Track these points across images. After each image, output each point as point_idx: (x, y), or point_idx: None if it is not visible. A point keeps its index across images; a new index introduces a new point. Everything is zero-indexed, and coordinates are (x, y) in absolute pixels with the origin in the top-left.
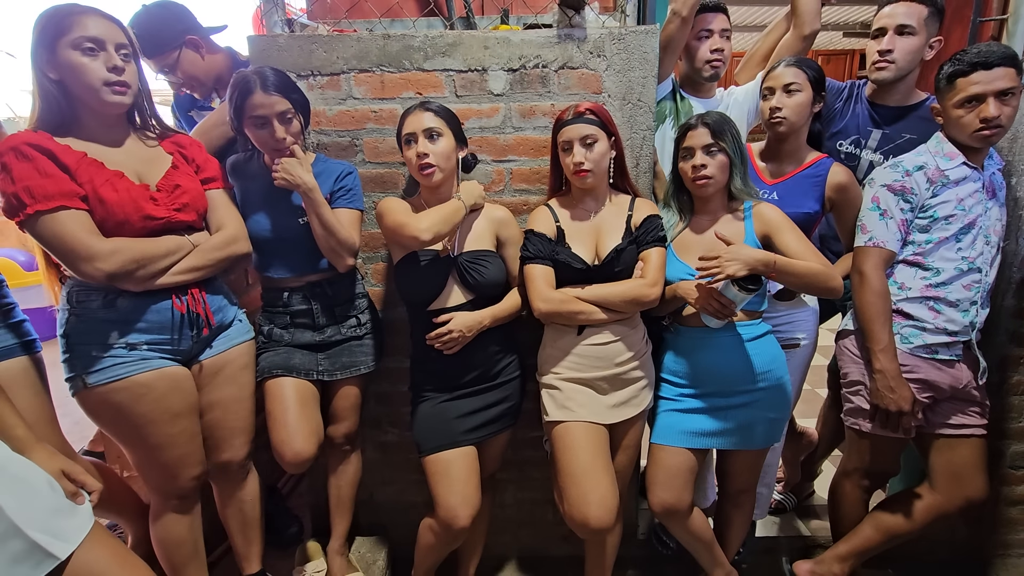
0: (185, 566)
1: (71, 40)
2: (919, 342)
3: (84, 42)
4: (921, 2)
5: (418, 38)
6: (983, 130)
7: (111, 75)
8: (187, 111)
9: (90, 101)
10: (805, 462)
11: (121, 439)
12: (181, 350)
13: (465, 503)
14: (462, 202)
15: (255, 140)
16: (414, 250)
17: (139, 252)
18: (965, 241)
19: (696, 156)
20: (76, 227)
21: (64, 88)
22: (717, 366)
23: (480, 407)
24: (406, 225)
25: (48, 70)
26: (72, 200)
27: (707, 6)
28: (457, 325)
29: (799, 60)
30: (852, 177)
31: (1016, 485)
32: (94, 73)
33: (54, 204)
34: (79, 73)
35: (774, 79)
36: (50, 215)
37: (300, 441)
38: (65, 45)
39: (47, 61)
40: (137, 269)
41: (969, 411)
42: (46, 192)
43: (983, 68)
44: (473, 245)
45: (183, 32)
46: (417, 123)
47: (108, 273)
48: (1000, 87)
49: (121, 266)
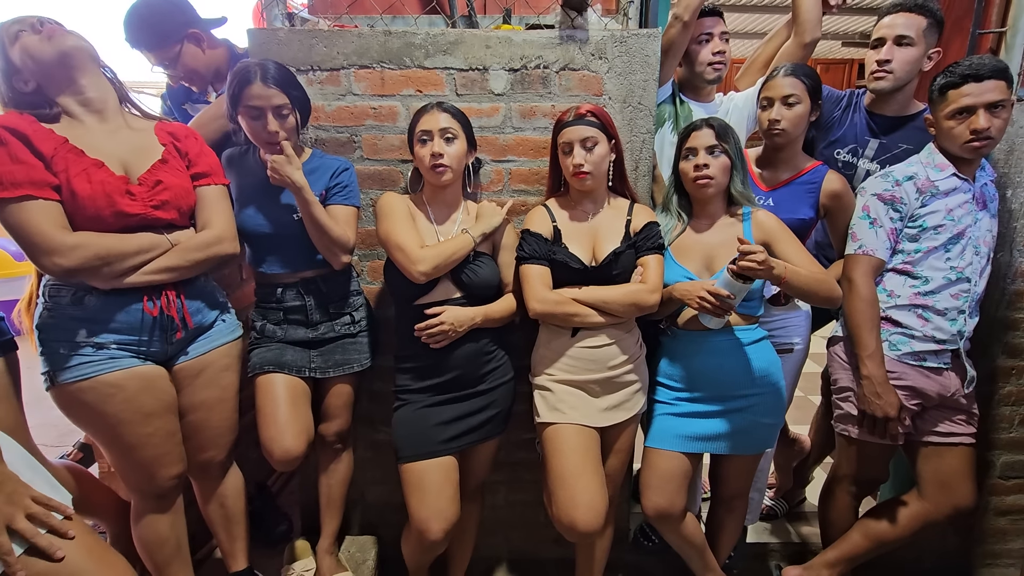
0: (168, 564)
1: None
2: (907, 349)
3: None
4: (920, 13)
5: (420, 35)
6: (973, 141)
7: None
8: (181, 104)
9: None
10: (797, 468)
11: (95, 437)
12: (153, 352)
13: (437, 517)
14: (470, 236)
15: (248, 130)
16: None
17: (105, 248)
18: (954, 251)
19: (699, 155)
20: (41, 218)
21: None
22: (713, 370)
23: (463, 414)
24: (403, 253)
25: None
26: (42, 190)
27: (704, 10)
28: (448, 318)
29: (796, 69)
30: (846, 185)
31: (1005, 495)
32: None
33: (20, 192)
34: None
35: (772, 90)
36: (16, 204)
37: (290, 439)
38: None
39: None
40: (102, 266)
41: (957, 419)
42: (14, 179)
43: (974, 80)
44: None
45: (185, 25)
46: (433, 122)
47: (67, 268)
48: (990, 99)
49: (82, 262)
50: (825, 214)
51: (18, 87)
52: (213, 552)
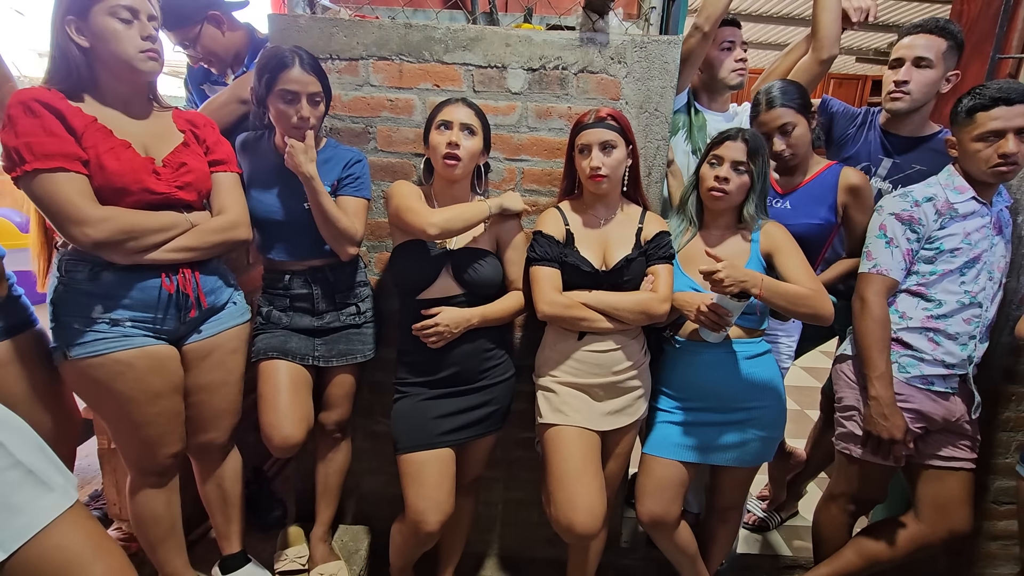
0: (162, 542)
1: (108, 7)
2: (916, 372)
3: (121, 10)
4: (941, 35)
5: (440, 30)
6: (1000, 166)
7: (145, 43)
8: (199, 84)
9: (119, 69)
10: (791, 482)
11: (101, 413)
12: (166, 330)
13: (435, 508)
14: (488, 206)
15: (276, 114)
16: (416, 237)
17: (131, 223)
18: (969, 275)
19: (723, 167)
20: (71, 190)
21: (90, 54)
22: (714, 382)
23: (462, 408)
24: (415, 213)
25: (77, 35)
26: (72, 163)
27: (724, 20)
28: (444, 319)
29: (782, 97)
30: (865, 178)
31: (998, 520)
32: (130, 41)
33: (53, 164)
34: (114, 40)
35: (766, 124)
36: (48, 174)
37: (290, 426)
38: (101, 11)
39: (77, 27)
40: (127, 240)
41: (960, 444)
42: (47, 151)
43: (1004, 104)
44: (474, 244)
45: (206, 7)
46: (456, 114)
47: (96, 240)
48: (1020, 124)
49: (110, 235)
50: (843, 215)
51: (76, 63)
52: (207, 533)
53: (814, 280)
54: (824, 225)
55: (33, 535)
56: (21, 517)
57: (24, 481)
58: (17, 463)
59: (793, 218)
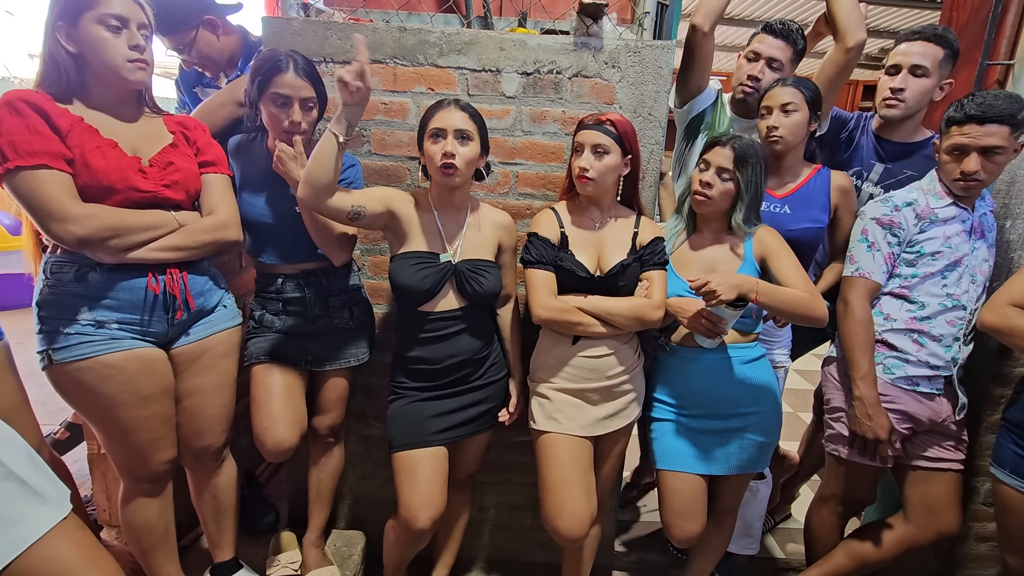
0: (155, 550)
1: (97, 15)
2: (901, 373)
3: (110, 19)
4: (938, 44)
5: (434, 33)
6: (959, 181)
7: (133, 53)
8: (192, 87)
9: (107, 76)
10: (784, 485)
11: (89, 419)
12: (152, 332)
13: (427, 505)
14: (334, 136)
15: (268, 118)
16: (407, 249)
17: (116, 220)
18: (951, 278)
19: (708, 172)
20: (54, 187)
21: (80, 60)
22: (713, 387)
23: (457, 407)
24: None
25: (67, 41)
26: (56, 161)
27: (773, 29)
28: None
29: (796, 81)
30: (851, 181)
31: (987, 522)
32: (116, 50)
33: (36, 161)
34: (102, 49)
35: (771, 99)
36: (30, 172)
37: (282, 430)
38: (90, 20)
39: (67, 33)
40: (112, 237)
41: (946, 445)
42: (31, 149)
43: (976, 122)
44: (476, 253)
45: (201, 11)
46: (449, 120)
47: (79, 237)
48: (986, 144)
49: (94, 231)
50: (832, 216)
51: (66, 67)
52: (199, 539)
53: (808, 283)
54: (822, 228)
55: (26, 547)
56: (16, 529)
57: (18, 493)
58: (10, 474)
59: (794, 222)
